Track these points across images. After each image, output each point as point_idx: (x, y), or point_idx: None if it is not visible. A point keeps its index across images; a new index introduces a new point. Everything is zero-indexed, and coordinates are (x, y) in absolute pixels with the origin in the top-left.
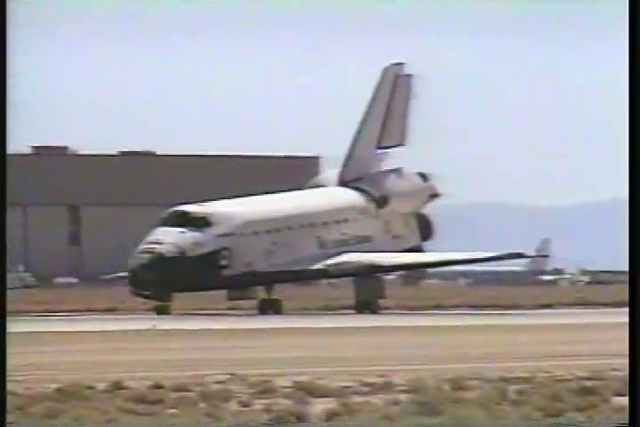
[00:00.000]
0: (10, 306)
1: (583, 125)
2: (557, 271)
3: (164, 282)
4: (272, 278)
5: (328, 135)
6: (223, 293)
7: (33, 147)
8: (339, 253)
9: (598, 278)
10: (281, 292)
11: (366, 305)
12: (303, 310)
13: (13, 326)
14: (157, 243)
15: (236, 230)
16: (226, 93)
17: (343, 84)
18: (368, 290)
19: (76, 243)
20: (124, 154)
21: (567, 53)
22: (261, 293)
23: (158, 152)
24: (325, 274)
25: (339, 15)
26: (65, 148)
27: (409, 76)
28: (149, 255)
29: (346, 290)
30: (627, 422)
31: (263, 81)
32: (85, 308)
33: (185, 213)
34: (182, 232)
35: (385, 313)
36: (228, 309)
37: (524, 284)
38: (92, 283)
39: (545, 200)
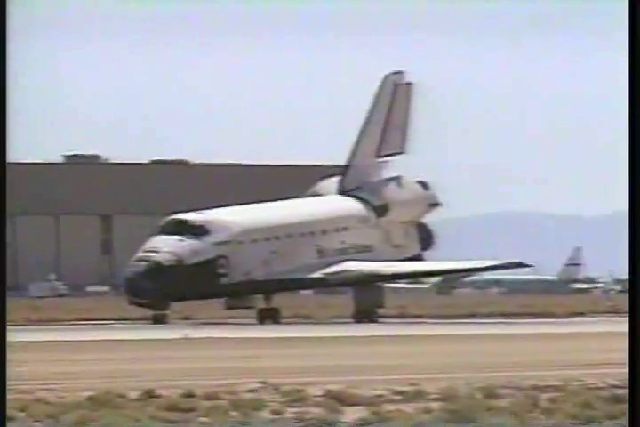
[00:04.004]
0: (42, 315)
1: (613, 134)
2: (590, 280)
3: (161, 290)
4: (270, 287)
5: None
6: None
7: (64, 156)
8: (338, 262)
9: None
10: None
11: (365, 314)
12: (331, 319)
13: (46, 335)
14: (154, 251)
15: (235, 238)
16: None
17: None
18: (367, 299)
19: (108, 252)
20: (155, 163)
21: (571, 57)
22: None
23: (188, 161)
24: (324, 283)
25: (341, 20)
26: (97, 156)
27: (409, 84)
28: (146, 263)
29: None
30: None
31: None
32: (120, 316)
33: (183, 221)
34: (180, 240)
35: (417, 322)
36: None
37: (556, 292)
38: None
39: (576, 209)
